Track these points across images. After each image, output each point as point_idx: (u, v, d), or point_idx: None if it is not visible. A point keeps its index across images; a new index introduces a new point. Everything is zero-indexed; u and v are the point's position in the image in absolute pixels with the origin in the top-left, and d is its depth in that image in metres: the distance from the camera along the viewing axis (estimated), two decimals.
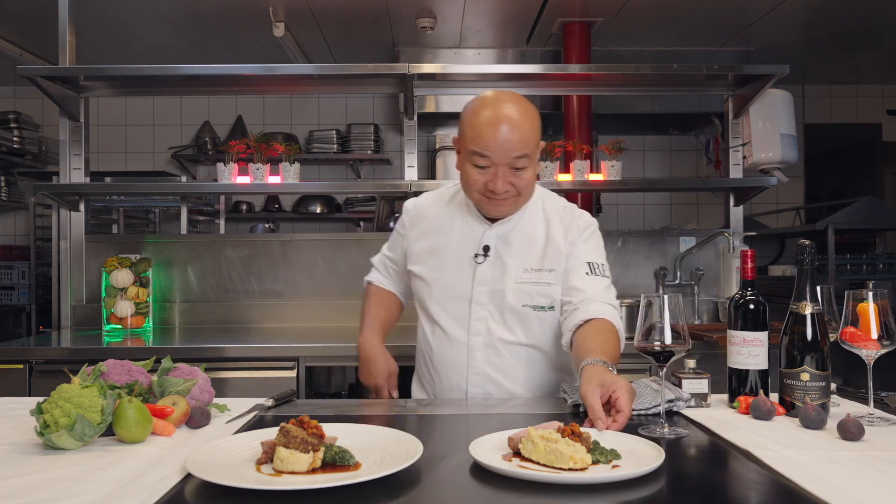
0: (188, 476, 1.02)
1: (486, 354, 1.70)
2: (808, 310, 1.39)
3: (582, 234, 1.72)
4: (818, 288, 1.41)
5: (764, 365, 1.46)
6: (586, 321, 1.60)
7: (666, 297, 1.28)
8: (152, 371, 1.44)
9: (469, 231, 1.73)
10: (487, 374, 1.71)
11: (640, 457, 1.12)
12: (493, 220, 1.71)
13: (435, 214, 1.81)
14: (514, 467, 1.06)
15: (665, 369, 1.32)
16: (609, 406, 1.32)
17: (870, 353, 1.33)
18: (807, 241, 1.41)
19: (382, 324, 1.91)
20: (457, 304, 1.72)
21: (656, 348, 1.29)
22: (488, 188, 1.59)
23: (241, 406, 1.48)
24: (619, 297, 1.78)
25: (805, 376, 1.37)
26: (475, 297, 1.70)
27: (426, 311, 1.79)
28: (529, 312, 1.69)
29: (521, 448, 1.11)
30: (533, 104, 1.61)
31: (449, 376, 1.75)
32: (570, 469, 1.05)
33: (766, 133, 3.50)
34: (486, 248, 1.70)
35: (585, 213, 1.78)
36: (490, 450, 1.14)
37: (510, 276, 1.68)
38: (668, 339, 1.28)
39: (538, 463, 1.07)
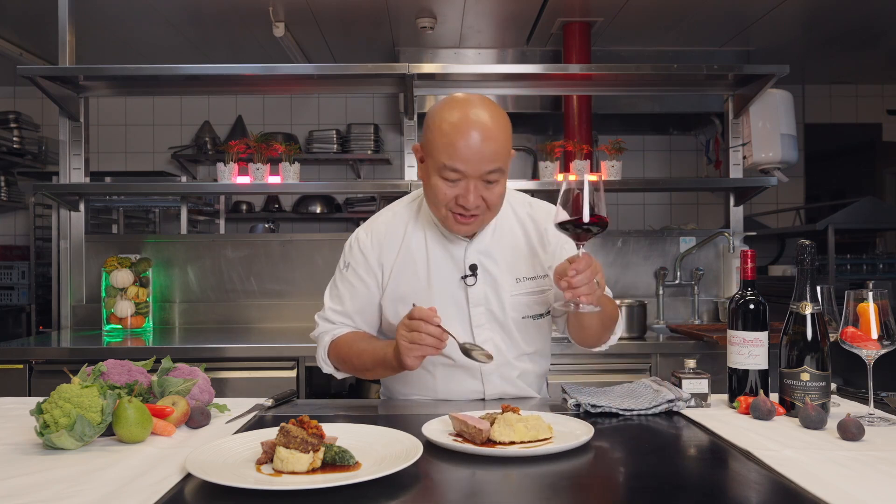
0: (188, 476, 1.02)
1: (502, 374, 1.63)
2: (808, 310, 1.39)
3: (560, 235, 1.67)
4: (818, 288, 1.41)
5: (764, 365, 1.46)
6: None
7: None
8: (152, 371, 1.44)
9: (448, 251, 1.60)
10: (505, 393, 1.64)
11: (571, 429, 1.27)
12: (470, 236, 1.60)
13: (402, 237, 1.62)
14: (523, 449, 1.14)
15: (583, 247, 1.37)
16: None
17: (870, 353, 1.33)
18: (807, 241, 1.41)
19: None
20: (456, 332, 1.53)
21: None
22: (458, 203, 1.47)
23: (241, 406, 1.48)
24: (619, 297, 1.80)
25: (805, 376, 1.37)
26: (474, 320, 1.59)
27: None
28: (530, 323, 1.64)
29: (496, 435, 1.17)
30: (503, 109, 1.50)
31: (460, 407, 1.56)
32: (549, 438, 1.19)
33: (766, 133, 3.50)
34: (474, 268, 1.58)
35: (553, 208, 1.71)
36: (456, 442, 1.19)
37: (504, 290, 1.60)
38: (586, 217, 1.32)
39: (521, 442, 1.17)
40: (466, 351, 1.42)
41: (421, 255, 1.61)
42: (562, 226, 1.36)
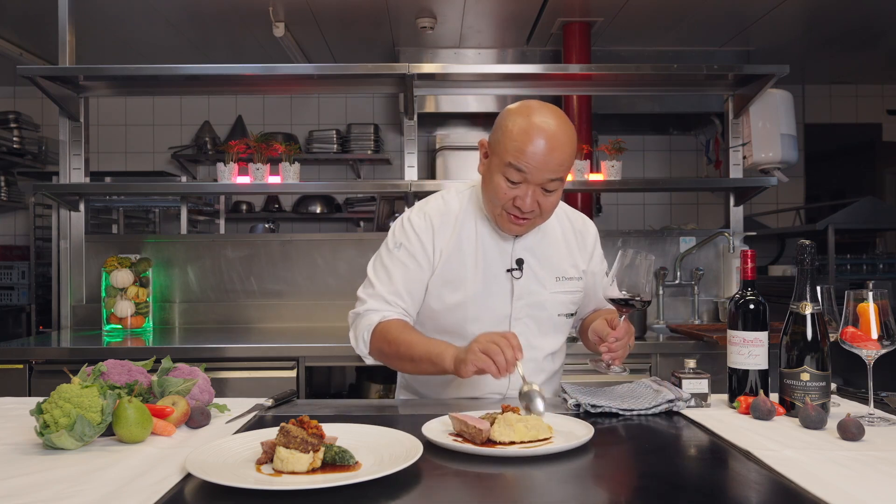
0: (188, 476, 1.02)
1: (528, 371, 1.63)
2: (808, 310, 1.39)
3: (595, 245, 1.78)
4: (818, 288, 1.41)
5: (764, 365, 1.46)
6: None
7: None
8: (152, 371, 1.44)
9: (497, 243, 1.65)
10: None
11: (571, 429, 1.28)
12: None
13: (453, 224, 1.66)
14: (523, 449, 1.14)
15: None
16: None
17: (870, 353, 1.33)
18: (807, 241, 1.41)
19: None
20: (494, 321, 1.62)
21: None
22: (515, 204, 1.52)
23: (241, 406, 1.48)
24: None
25: (805, 376, 1.37)
26: (514, 312, 1.64)
27: (459, 333, 1.62)
28: (563, 321, 1.71)
29: (496, 435, 1.17)
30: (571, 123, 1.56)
31: (483, 401, 1.62)
32: (549, 438, 1.20)
33: (766, 133, 3.50)
34: (520, 262, 1.64)
35: (587, 219, 1.82)
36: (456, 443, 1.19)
37: (546, 287, 1.66)
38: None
39: (521, 442, 1.17)
40: (524, 395, 1.37)
41: (470, 243, 1.65)
42: (611, 299, 1.51)
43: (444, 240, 1.65)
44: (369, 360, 1.66)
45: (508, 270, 1.64)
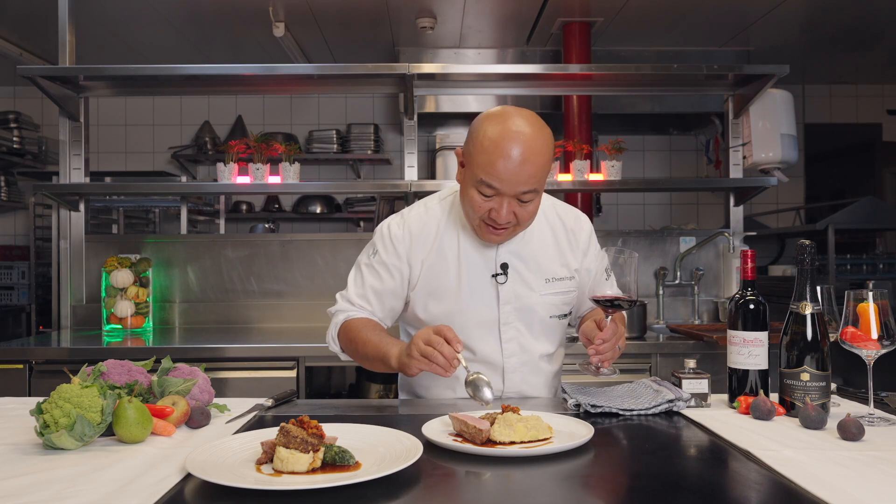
0: (188, 476, 1.02)
1: (523, 373, 1.66)
2: (808, 310, 1.39)
3: (590, 241, 1.73)
4: (818, 288, 1.41)
5: (764, 365, 1.46)
6: None
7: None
8: (152, 371, 1.44)
9: (480, 250, 1.63)
10: (523, 391, 1.67)
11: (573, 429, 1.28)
12: None
13: (434, 233, 1.65)
14: (523, 449, 1.14)
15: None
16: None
17: (870, 353, 1.33)
18: (807, 241, 1.41)
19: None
20: (483, 328, 1.63)
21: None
22: (490, 216, 1.50)
23: (241, 406, 1.48)
24: None
25: (805, 376, 1.37)
26: (502, 317, 1.63)
27: None
28: (556, 322, 1.69)
29: (496, 435, 1.17)
30: (548, 126, 1.51)
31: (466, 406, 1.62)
32: (549, 438, 1.20)
33: (766, 133, 3.50)
34: (505, 266, 1.62)
35: (581, 214, 1.77)
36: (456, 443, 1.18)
37: (534, 289, 1.64)
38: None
39: (521, 442, 1.17)
40: (469, 384, 1.39)
41: (453, 252, 1.63)
42: (595, 300, 1.50)
43: (425, 250, 1.64)
44: (343, 357, 1.68)
45: (493, 276, 1.62)
